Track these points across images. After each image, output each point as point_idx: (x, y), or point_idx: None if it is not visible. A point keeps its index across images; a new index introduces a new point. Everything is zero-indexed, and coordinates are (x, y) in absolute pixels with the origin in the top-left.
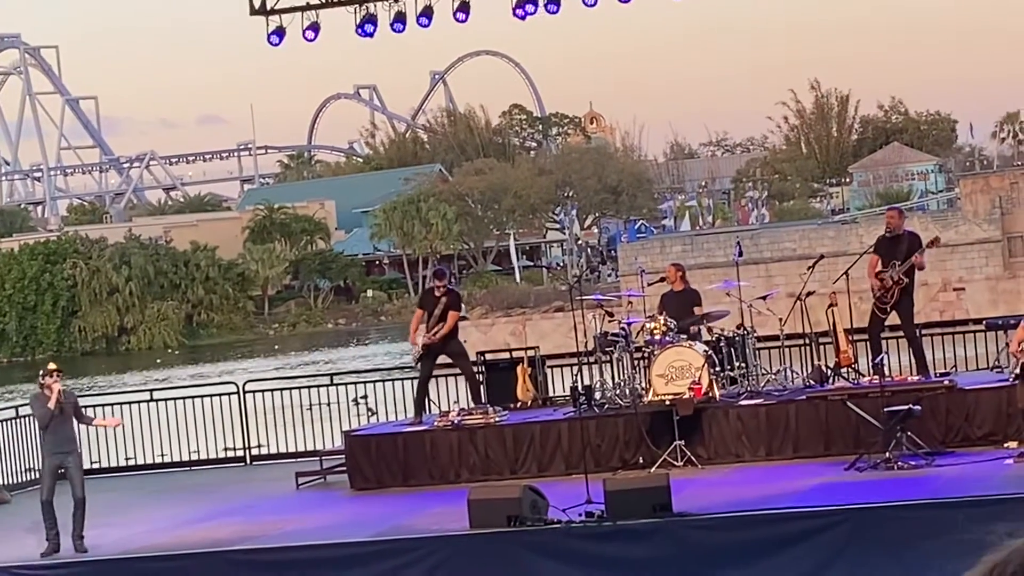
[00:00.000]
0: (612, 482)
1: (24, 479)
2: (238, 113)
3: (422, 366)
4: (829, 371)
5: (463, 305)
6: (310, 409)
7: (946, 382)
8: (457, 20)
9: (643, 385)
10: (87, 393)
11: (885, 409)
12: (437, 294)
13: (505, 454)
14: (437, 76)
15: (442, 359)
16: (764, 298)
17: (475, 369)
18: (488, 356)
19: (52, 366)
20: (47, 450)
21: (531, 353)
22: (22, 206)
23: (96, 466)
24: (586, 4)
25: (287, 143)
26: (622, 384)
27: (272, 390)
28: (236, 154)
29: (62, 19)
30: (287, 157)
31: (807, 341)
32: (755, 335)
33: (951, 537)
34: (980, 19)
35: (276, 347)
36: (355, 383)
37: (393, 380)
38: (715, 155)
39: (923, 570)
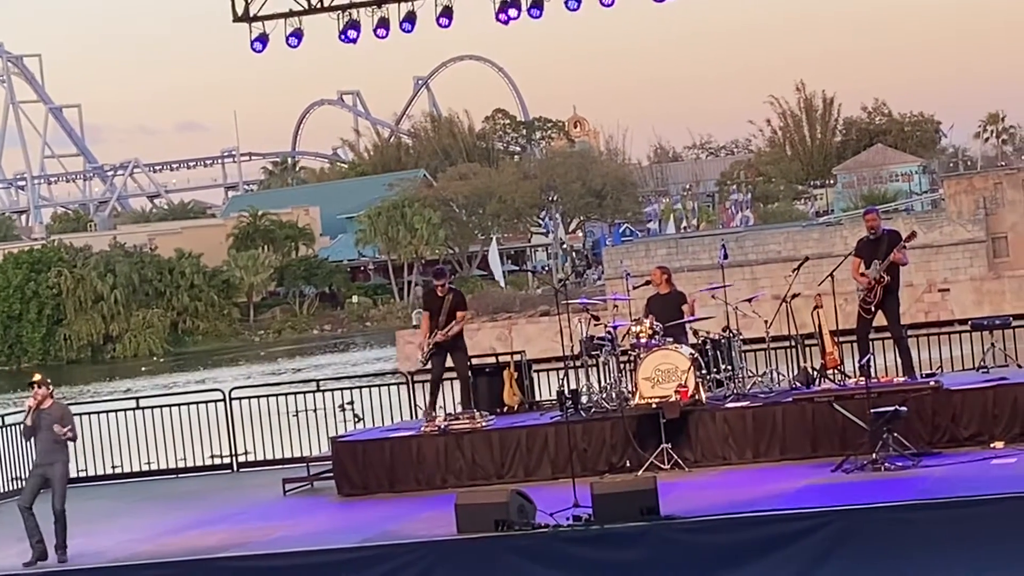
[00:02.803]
0: (599, 486)
1: (10, 488)
2: (219, 120)
3: (433, 365)
4: (815, 373)
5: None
6: (296, 415)
7: (932, 383)
8: (440, 25)
9: (629, 388)
10: (73, 402)
11: (871, 410)
12: (440, 294)
13: (492, 459)
14: (420, 81)
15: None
16: (749, 300)
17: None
18: (474, 361)
19: (36, 377)
20: (35, 459)
21: (517, 357)
22: (6, 215)
23: (82, 474)
24: (569, 8)
25: (271, 149)
26: (608, 388)
27: (258, 397)
28: (220, 161)
29: (45, 28)
30: (271, 164)
31: (793, 343)
32: (741, 337)
33: (939, 538)
34: (963, 20)
35: (262, 354)
36: (341, 389)
37: (379, 386)
38: (699, 158)
39: (910, 571)
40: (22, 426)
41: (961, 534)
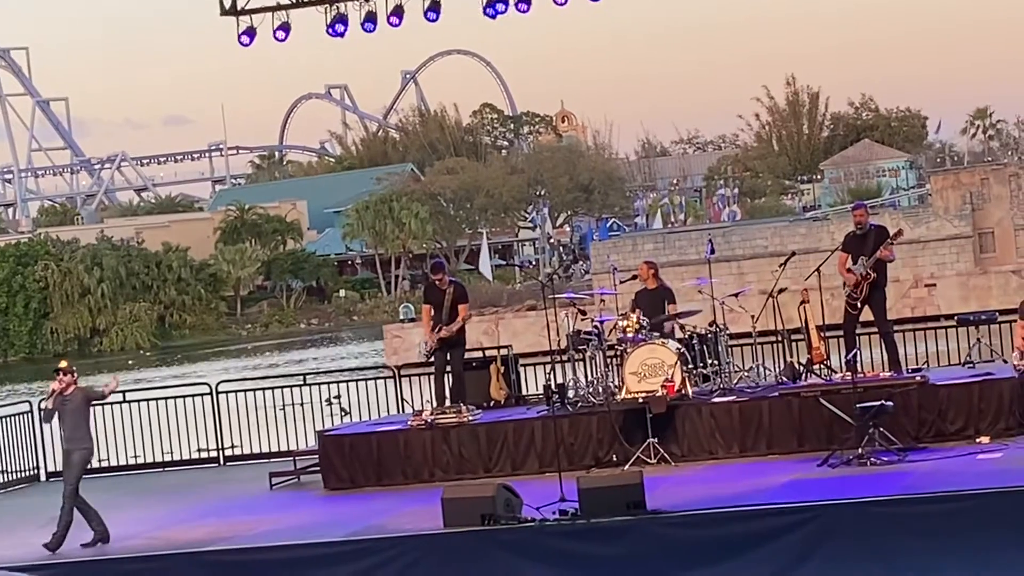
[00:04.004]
0: (586, 480)
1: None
2: (206, 113)
3: (436, 359)
4: (801, 368)
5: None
6: (283, 409)
7: (918, 378)
8: (428, 19)
9: (616, 383)
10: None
11: (857, 405)
12: (441, 287)
13: (479, 453)
14: (408, 75)
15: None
16: (736, 295)
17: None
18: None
19: (62, 364)
20: (63, 445)
21: (504, 352)
22: None
23: None
24: (556, 3)
25: (258, 143)
26: (595, 382)
27: (245, 390)
28: (207, 155)
29: (32, 21)
30: (258, 157)
31: (779, 338)
32: (727, 332)
33: (923, 533)
34: (950, 15)
35: (249, 347)
36: (328, 383)
37: (366, 380)
38: (686, 153)
39: (896, 565)
40: (43, 409)
41: (947, 528)
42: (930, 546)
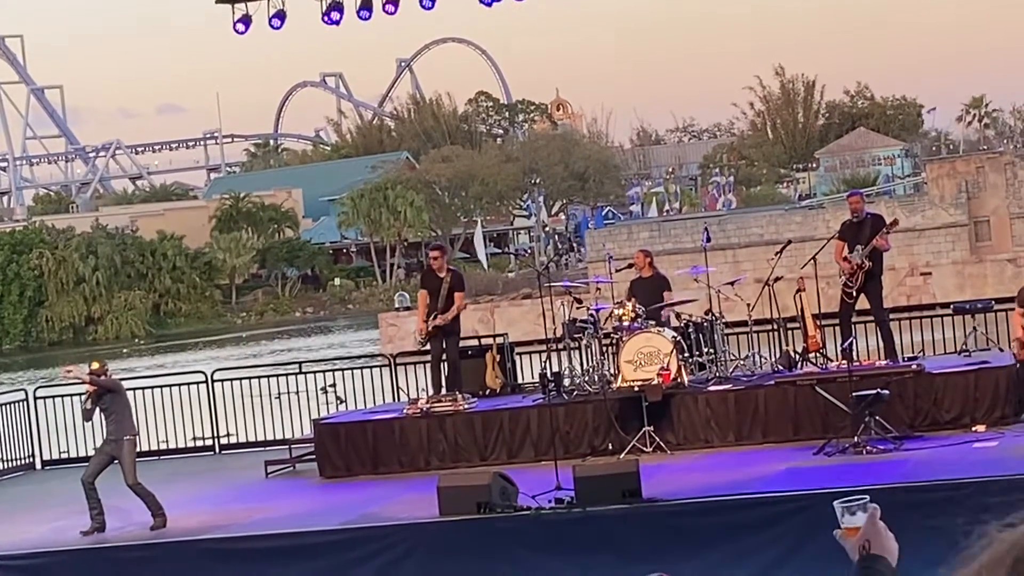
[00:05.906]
0: (581, 468)
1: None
2: (200, 102)
3: (432, 347)
4: (797, 356)
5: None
6: (279, 397)
7: (914, 366)
8: (424, 7)
9: (612, 371)
10: (55, 384)
11: (853, 394)
12: (440, 275)
13: (474, 441)
14: (403, 63)
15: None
16: (732, 284)
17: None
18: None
19: (95, 365)
20: (104, 436)
21: (499, 340)
22: None
23: (64, 455)
24: None
25: (253, 131)
26: (591, 370)
27: (241, 379)
28: (202, 143)
29: (27, 9)
30: (253, 145)
31: (775, 326)
32: (723, 321)
33: (920, 522)
34: (946, 3)
35: (244, 336)
36: (324, 371)
37: (361, 368)
38: (682, 141)
39: None
40: (82, 409)
41: (943, 517)
42: (926, 535)
